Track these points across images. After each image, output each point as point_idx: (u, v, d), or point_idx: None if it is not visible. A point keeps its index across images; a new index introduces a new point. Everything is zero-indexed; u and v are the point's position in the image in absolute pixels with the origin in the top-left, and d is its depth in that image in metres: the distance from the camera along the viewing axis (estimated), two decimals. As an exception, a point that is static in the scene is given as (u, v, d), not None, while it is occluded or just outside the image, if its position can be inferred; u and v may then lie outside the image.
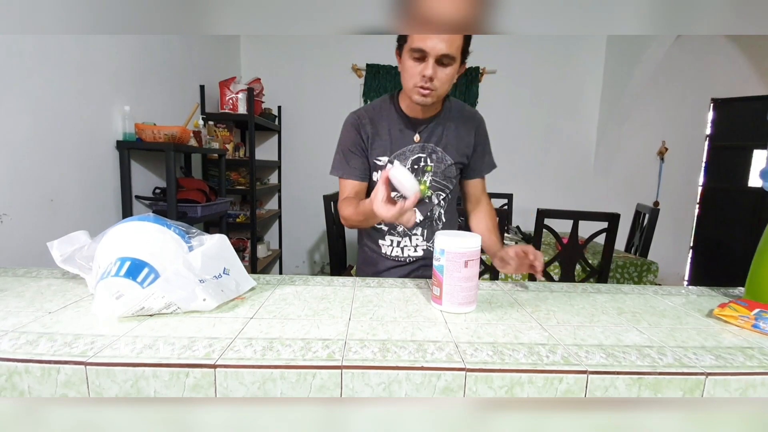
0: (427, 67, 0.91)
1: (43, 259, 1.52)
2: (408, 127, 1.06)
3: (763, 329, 0.69)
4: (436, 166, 1.07)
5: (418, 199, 0.85)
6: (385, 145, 1.06)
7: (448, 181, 1.11)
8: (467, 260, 0.73)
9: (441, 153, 1.07)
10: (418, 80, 0.93)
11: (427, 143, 1.07)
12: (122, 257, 0.69)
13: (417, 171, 1.07)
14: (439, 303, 0.75)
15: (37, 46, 1.47)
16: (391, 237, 1.14)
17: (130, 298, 0.64)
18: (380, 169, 1.07)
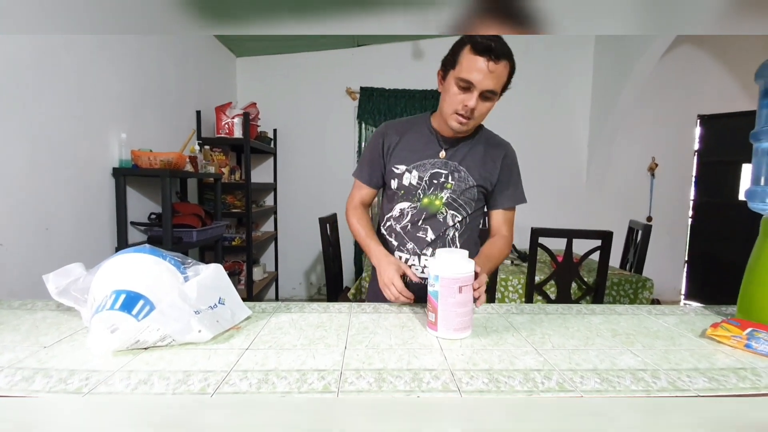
0: (471, 99, 0.95)
1: (38, 288, 1.51)
2: (433, 143, 1.09)
3: (756, 349, 0.70)
4: (456, 185, 1.07)
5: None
6: (405, 155, 1.09)
7: (467, 203, 1.09)
8: (461, 286, 0.73)
9: (464, 173, 1.07)
10: (459, 108, 0.97)
11: (450, 161, 1.08)
12: (117, 290, 0.69)
13: (435, 186, 1.07)
14: (434, 329, 0.75)
15: (36, 76, 1.50)
16: (400, 253, 1.12)
17: (124, 331, 0.64)
18: (396, 177, 1.09)
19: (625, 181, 3.77)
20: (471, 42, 0.93)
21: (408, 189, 1.09)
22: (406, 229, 1.10)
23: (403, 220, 1.11)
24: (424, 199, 1.08)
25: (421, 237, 1.09)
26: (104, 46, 1.86)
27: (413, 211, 1.10)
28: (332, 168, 3.61)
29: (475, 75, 0.92)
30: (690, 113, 3.75)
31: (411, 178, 1.08)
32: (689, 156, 3.81)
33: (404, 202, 1.10)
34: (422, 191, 1.08)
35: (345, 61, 3.54)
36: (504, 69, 0.94)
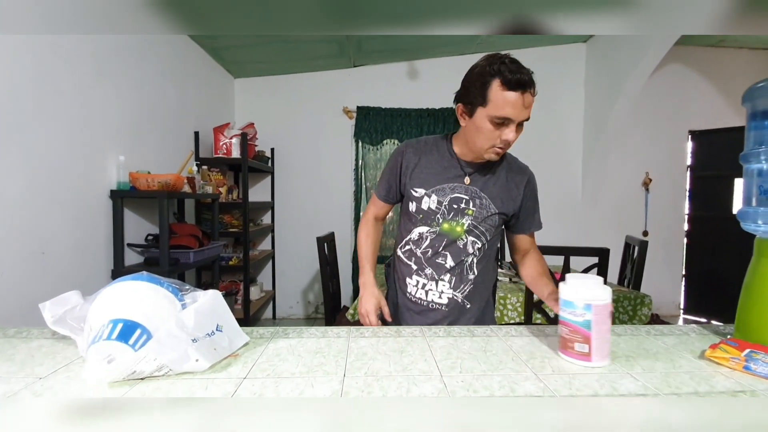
0: (510, 133, 0.95)
1: (34, 314, 1.49)
2: (455, 167, 1.08)
3: (755, 371, 0.70)
4: (478, 212, 1.06)
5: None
6: (425, 178, 1.08)
7: (487, 230, 1.08)
8: (611, 311, 0.74)
9: (486, 200, 1.06)
10: (497, 143, 0.97)
11: (473, 187, 1.07)
12: (114, 319, 0.68)
13: (456, 211, 1.06)
14: (587, 360, 0.72)
15: (34, 99, 1.51)
16: (417, 278, 1.11)
17: (121, 361, 0.64)
18: (415, 200, 1.08)
19: (620, 196, 3.81)
20: (501, 77, 0.91)
21: (426, 213, 1.08)
22: (426, 255, 1.09)
23: (422, 245, 1.10)
24: (444, 225, 1.07)
25: (441, 263, 1.09)
26: (104, 69, 1.89)
27: (432, 236, 1.08)
28: (329, 186, 3.63)
29: (511, 111, 0.92)
30: (681, 129, 3.82)
31: (430, 202, 1.07)
32: (682, 171, 3.86)
33: (423, 226, 1.09)
34: (441, 216, 1.07)
35: (341, 81, 3.60)
36: (531, 98, 0.95)
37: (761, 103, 0.83)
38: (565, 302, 0.75)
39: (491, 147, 0.98)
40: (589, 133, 3.64)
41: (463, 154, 1.07)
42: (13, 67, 1.42)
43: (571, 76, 3.70)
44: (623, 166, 3.79)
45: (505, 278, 2.38)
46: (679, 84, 3.78)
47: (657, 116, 3.78)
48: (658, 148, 3.81)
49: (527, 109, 0.94)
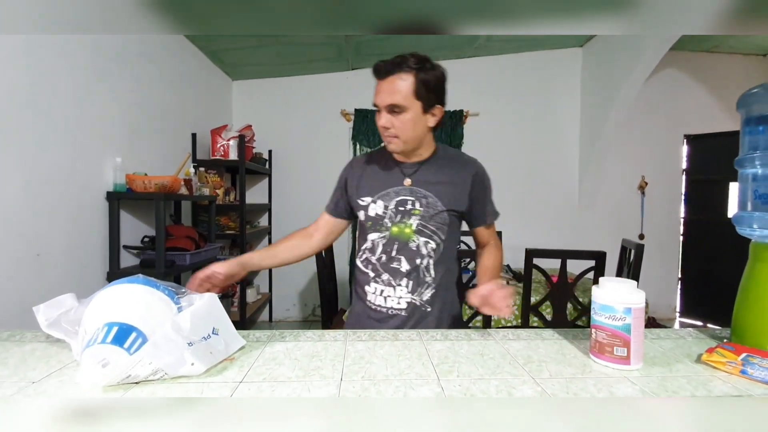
0: (381, 118, 1.01)
1: (28, 317, 1.47)
2: (396, 171, 1.10)
3: (751, 375, 0.70)
4: (425, 211, 1.06)
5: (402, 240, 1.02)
6: (370, 186, 1.11)
7: (438, 228, 1.07)
8: (643, 313, 0.75)
9: (432, 198, 1.06)
10: (382, 130, 1.03)
11: (417, 187, 1.07)
12: (110, 322, 0.67)
13: (402, 213, 1.06)
14: (626, 363, 0.73)
15: (31, 101, 1.50)
16: (375, 285, 1.10)
17: (116, 365, 0.63)
18: (363, 209, 1.10)
19: (616, 199, 3.83)
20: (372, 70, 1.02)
21: (375, 219, 1.08)
22: (381, 261, 1.09)
23: (376, 251, 1.09)
24: (393, 228, 1.07)
25: (396, 268, 1.07)
26: (101, 70, 1.88)
27: (384, 241, 1.08)
28: (327, 189, 3.58)
29: (376, 97, 1.01)
30: (676, 133, 3.85)
31: (377, 208, 1.08)
32: (678, 174, 3.89)
33: (374, 233, 1.09)
34: (389, 220, 1.07)
35: (339, 83, 3.60)
36: (399, 82, 0.97)
37: (755, 109, 0.84)
38: (602, 306, 0.75)
39: (383, 135, 1.04)
40: (586, 137, 3.65)
41: (401, 157, 1.10)
42: (9, 68, 1.41)
43: (568, 80, 3.72)
44: (619, 169, 3.81)
45: (502, 281, 2.38)
46: (674, 89, 3.81)
47: (652, 120, 3.81)
48: (653, 152, 3.84)
49: (388, 94, 0.98)
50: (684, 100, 3.82)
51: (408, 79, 0.97)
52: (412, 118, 0.99)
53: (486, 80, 3.66)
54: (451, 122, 3.58)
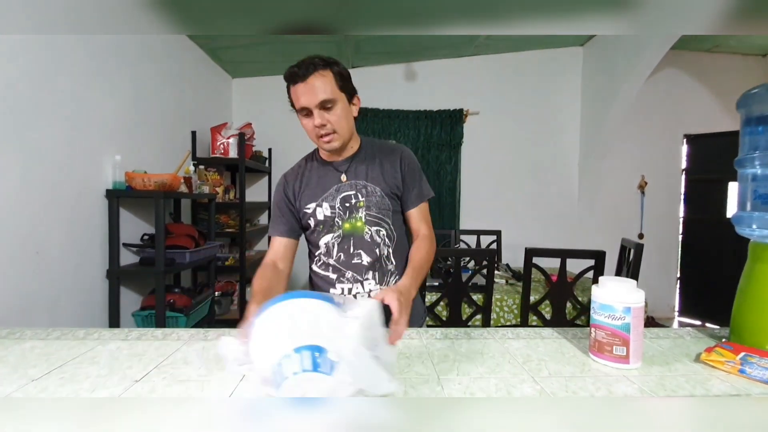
0: (315, 118, 0.99)
1: (27, 315, 1.48)
2: (331, 170, 1.11)
3: (750, 374, 0.70)
4: (368, 200, 1.07)
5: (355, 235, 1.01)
6: (311, 193, 1.10)
7: (384, 214, 1.09)
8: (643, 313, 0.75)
9: (371, 187, 1.08)
10: (316, 132, 1.01)
11: (355, 180, 1.09)
12: (299, 347, 0.56)
13: (350, 209, 1.07)
14: (625, 363, 0.73)
15: (30, 99, 1.50)
16: (341, 285, 1.09)
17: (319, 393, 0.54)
18: (311, 216, 1.09)
19: (616, 199, 3.83)
20: (287, 80, 1.02)
21: (325, 221, 1.08)
22: (341, 260, 1.08)
23: (333, 252, 1.09)
24: (345, 225, 1.07)
25: (358, 263, 1.07)
26: (100, 67, 1.88)
27: (338, 240, 1.08)
28: (327, 187, 3.62)
29: (301, 99, 0.99)
30: (676, 133, 3.85)
31: (324, 210, 1.08)
32: (677, 174, 3.89)
33: (327, 234, 1.09)
34: (339, 218, 1.08)
35: (339, 82, 3.59)
36: (321, 78, 0.98)
37: (755, 109, 0.84)
38: (602, 306, 0.75)
39: (316, 138, 1.03)
40: (586, 136, 3.65)
41: (329, 156, 1.11)
42: (8, 65, 1.41)
43: (568, 79, 3.72)
44: (619, 169, 3.81)
45: (502, 280, 2.39)
46: (674, 88, 3.81)
47: (652, 120, 3.81)
48: (653, 152, 3.84)
49: (314, 93, 0.97)
50: (684, 99, 3.82)
51: (327, 75, 0.99)
52: (343, 109, 1.02)
53: (486, 79, 3.65)
54: (451, 121, 3.58)
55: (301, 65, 0.99)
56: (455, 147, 3.58)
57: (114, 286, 1.93)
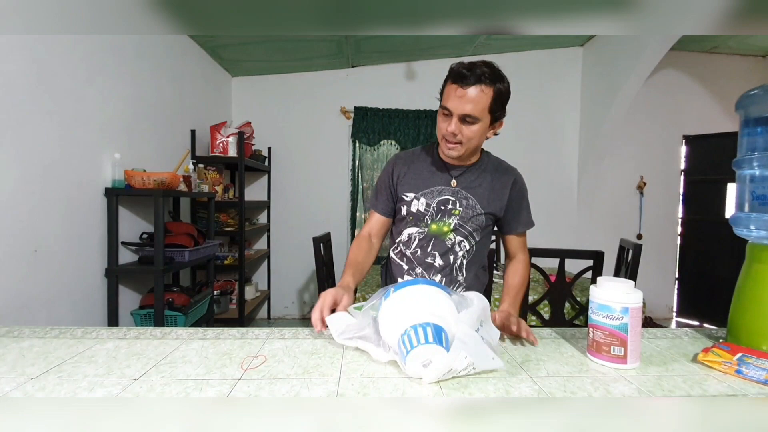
0: (451, 124, 0.99)
1: (25, 313, 1.48)
2: (441, 171, 1.13)
3: (746, 375, 0.71)
4: (464, 212, 1.10)
5: None
6: (414, 183, 1.13)
7: (475, 230, 1.11)
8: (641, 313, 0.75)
9: (472, 201, 1.10)
10: (444, 133, 1.02)
11: (460, 189, 1.11)
12: (421, 323, 0.69)
13: (444, 212, 1.10)
14: (623, 363, 0.73)
15: (29, 96, 1.50)
16: (409, 276, 1.15)
17: (438, 363, 0.64)
18: (406, 204, 1.12)
19: (615, 199, 3.83)
20: (450, 73, 0.98)
21: (416, 215, 1.12)
22: (416, 254, 1.13)
23: (411, 245, 1.13)
24: (432, 225, 1.11)
25: (430, 263, 1.12)
26: (99, 65, 1.87)
27: (421, 236, 1.12)
28: (326, 186, 3.62)
29: (450, 102, 0.97)
30: (675, 134, 3.85)
31: (419, 204, 1.11)
32: (676, 175, 3.90)
33: (412, 227, 1.13)
34: (430, 217, 1.11)
35: (339, 81, 3.60)
36: (479, 93, 0.95)
37: (754, 110, 0.84)
38: (600, 306, 0.75)
39: (442, 139, 1.03)
40: (585, 137, 3.66)
41: (452, 160, 1.11)
42: (7, 63, 1.41)
43: (568, 79, 3.72)
44: (618, 169, 3.82)
45: (501, 280, 2.39)
46: (674, 89, 3.81)
47: (651, 121, 3.81)
48: (652, 153, 3.84)
49: (466, 103, 0.95)
50: (683, 100, 3.83)
51: (488, 92, 0.96)
52: (480, 129, 1.00)
53: (486, 79, 3.65)
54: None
55: (472, 69, 0.95)
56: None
57: (113, 285, 1.93)
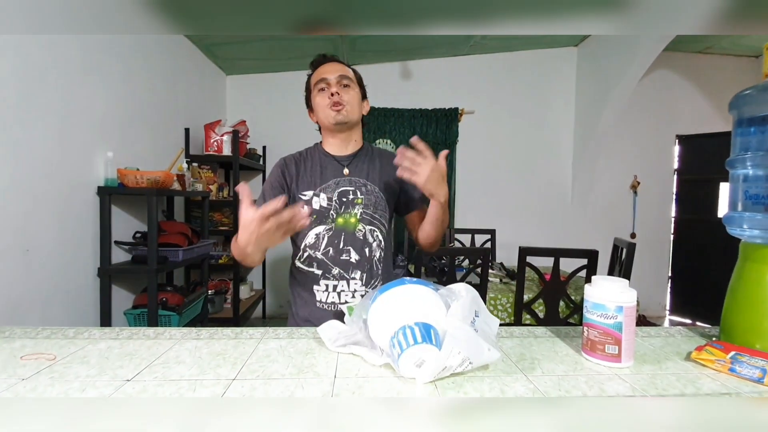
0: (332, 87, 1.07)
1: (17, 313, 1.46)
2: (333, 164, 1.13)
3: (740, 373, 0.71)
4: (366, 199, 1.09)
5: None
6: (310, 181, 1.10)
7: (382, 216, 1.11)
8: (635, 312, 0.75)
9: (371, 186, 1.11)
10: (327, 103, 1.07)
11: (355, 177, 1.11)
12: (409, 325, 0.68)
13: (346, 203, 1.08)
14: (617, 361, 0.73)
15: (20, 94, 1.48)
16: (326, 282, 1.07)
17: (431, 361, 0.64)
18: (306, 204, 1.07)
19: (609, 199, 3.86)
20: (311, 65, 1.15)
21: (320, 212, 1.07)
22: (328, 255, 1.07)
23: (321, 246, 1.07)
24: (339, 219, 1.07)
25: (346, 260, 1.07)
26: (92, 63, 1.85)
27: (329, 233, 1.07)
28: (321, 185, 3.61)
29: (324, 73, 1.08)
30: (668, 133, 3.89)
31: (320, 200, 1.08)
32: (669, 174, 3.93)
33: (318, 226, 1.08)
34: (335, 212, 1.07)
35: (334, 80, 3.58)
36: (343, 66, 1.10)
37: (747, 110, 0.84)
38: (594, 305, 0.75)
39: (327, 108, 1.08)
40: (580, 136, 3.68)
41: (334, 150, 1.14)
42: (-3, 59, 1.39)
43: (562, 79, 3.73)
44: (612, 169, 3.84)
45: (496, 279, 2.40)
46: (667, 89, 3.84)
47: (645, 120, 3.84)
48: (646, 152, 3.87)
49: (336, 69, 1.09)
50: (676, 100, 3.86)
51: (348, 68, 1.12)
52: (356, 96, 1.11)
53: (481, 78, 3.66)
54: (446, 120, 3.58)
55: (327, 56, 1.12)
56: (450, 146, 3.59)
57: (105, 285, 1.91)
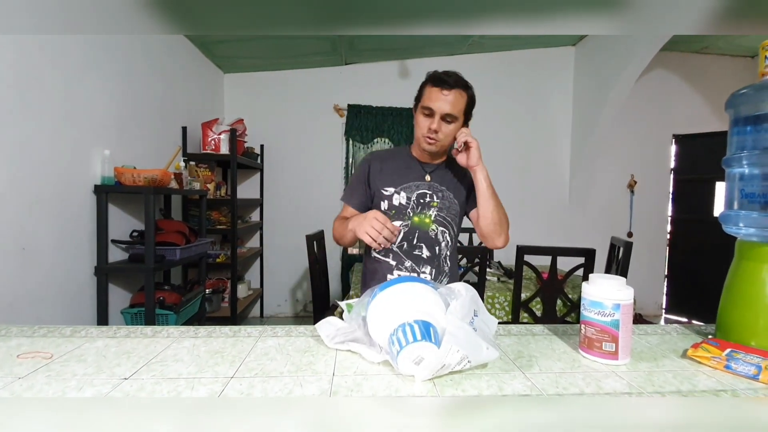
0: (433, 122, 1.12)
1: (12, 311, 1.45)
2: (417, 168, 1.22)
3: (735, 370, 0.72)
4: (441, 203, 1.20)
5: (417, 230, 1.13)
6: (392, 179, 1.21)
7: (452, 219, 1.21)
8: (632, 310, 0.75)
9: (446, 192, 1.21)
10: (425, 131, 1.14)
11: (435, 183, 1.22)
12: (408, 322, 0.68)
13: (422, 205, 1.18)
14: (614, 359, 0.74)
15: (17, 92, 1.47)
16: (399, 272, 1.18)
17: (430, 359, 0.64)
18: (386, 198, 1.19)
19: (606, 198, 3.87)
20: (430, 78, 1.14)
21: (398, 208, 1.18)
22: (403, 248, 1.18)
23: (397, 239, 1.17)
24: (414, 218, 1.18)
25: (418, 255, 1.18)
26: (89, 61, 1.84)
27: (405, 229, 1.18)
28: (319, 184, 3.61)
29: (433, 102, 1.11)
30: (665, 133, 3.90)
31: (400, 198, 1.18)
32: (666, 174, 3.95)
33: (396, 221, 1.18)
34: (411, 210, 1.18)
35: (333, 78, 3.58)
36: (458, 96, 1.11)
37: (743, 110, 0.85)
38: (592, 302, 0.76)
39: (423, 136, 1.15)
40: (577, 136, 3.69)
41: (420, 156, 1.23)
42: (-7, 56, 1.38)
43: (560, 79, 3.74)
44: (609, 168, 3.86)
45: (494, 278, 2.40)
46: (664, 89, 3.86)
47: (642, 120, 3.86)
48: (643, 152, 3.89)
49: (448, 104, 1.10)
50: (673, 100, 3.87)
51: (464, 96, 1.13)
52: (456, 128, 1.15)
53: (479, 78, 3.62)
54: (444, 119, 3.58)
55: (450, 75, 1.12)
56: (448, 145, 3.59)
57: (102, 283, 1.90)
